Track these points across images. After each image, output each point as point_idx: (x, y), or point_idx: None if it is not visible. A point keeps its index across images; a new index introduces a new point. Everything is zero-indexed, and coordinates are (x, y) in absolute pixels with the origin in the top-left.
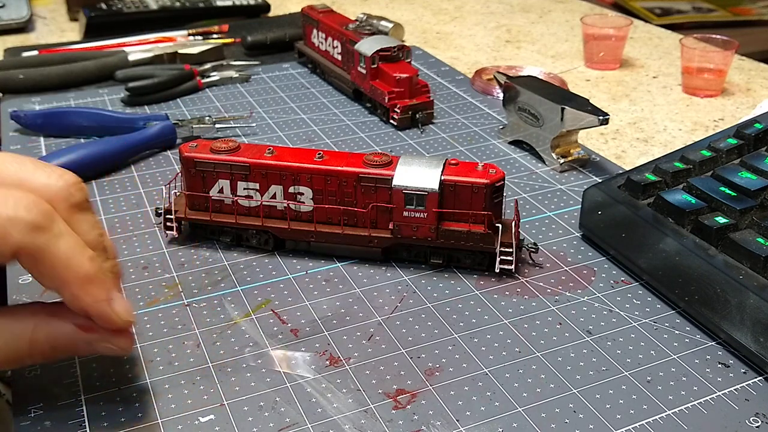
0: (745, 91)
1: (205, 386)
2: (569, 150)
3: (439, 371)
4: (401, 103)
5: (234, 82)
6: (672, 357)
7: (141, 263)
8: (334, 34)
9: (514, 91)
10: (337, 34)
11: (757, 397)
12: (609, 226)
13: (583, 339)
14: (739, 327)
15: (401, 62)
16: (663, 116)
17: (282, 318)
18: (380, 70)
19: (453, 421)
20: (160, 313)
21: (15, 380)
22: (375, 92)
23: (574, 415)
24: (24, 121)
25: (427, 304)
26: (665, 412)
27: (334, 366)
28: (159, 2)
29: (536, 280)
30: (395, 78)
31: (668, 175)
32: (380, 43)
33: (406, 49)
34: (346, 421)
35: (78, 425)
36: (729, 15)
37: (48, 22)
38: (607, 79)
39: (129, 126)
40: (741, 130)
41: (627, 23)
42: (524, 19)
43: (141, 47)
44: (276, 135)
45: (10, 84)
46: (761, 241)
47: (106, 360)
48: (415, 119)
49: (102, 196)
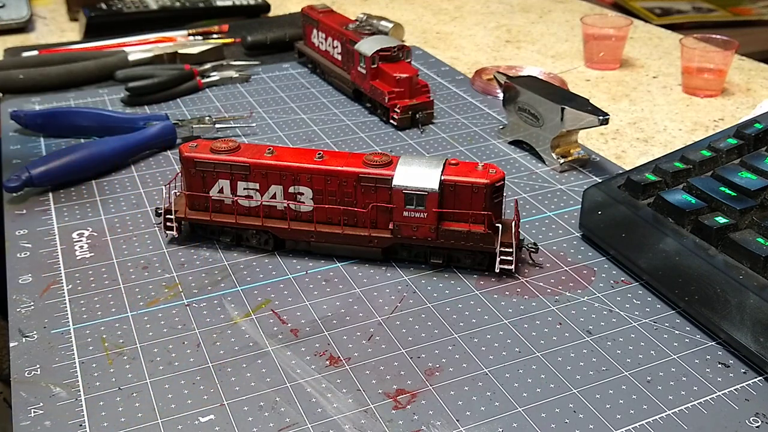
0: (745, 91)
1: (205, 386)
2: (569, 150)
3: (439, 371)
4: (401, 103)
5: (234, 82)
6: (672, 357)
7: (141, 263)
8: (334, 34)
9: (514, 91)
10: (337, 34)
11: (757, 397)
12: (609, 226)
13: (583, 339)
14: (739, 327)
15: (401, 62)
16: (663, 116)
17: (282, 318)
18: (380, 70)
19: (453, 420)
20: (160, 313)
21: (15, 380)
22: (375, 92)
23: (574, 415)
24: (24, 121)
25: (427, 304)
26: (665, 412)
27: (334, 366)
28: (159, 2)
29: (536, 280)
30: (395, 78)
31: (668, 175)
32: (380, 43)
33: (406, 49)
34: (346, 421)
35: (78, 425)
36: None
37: (48, 22)
38: (607, 79)
39: (129, 126)
40: (741, 130)
41: (627, 23)
42: (524, 19)
43: (141, 47)
44: (276, 135)
45: (10, 84)
46: (761, 241)
47: (106, 360)
48: (415, 119)
49: (102, 196)
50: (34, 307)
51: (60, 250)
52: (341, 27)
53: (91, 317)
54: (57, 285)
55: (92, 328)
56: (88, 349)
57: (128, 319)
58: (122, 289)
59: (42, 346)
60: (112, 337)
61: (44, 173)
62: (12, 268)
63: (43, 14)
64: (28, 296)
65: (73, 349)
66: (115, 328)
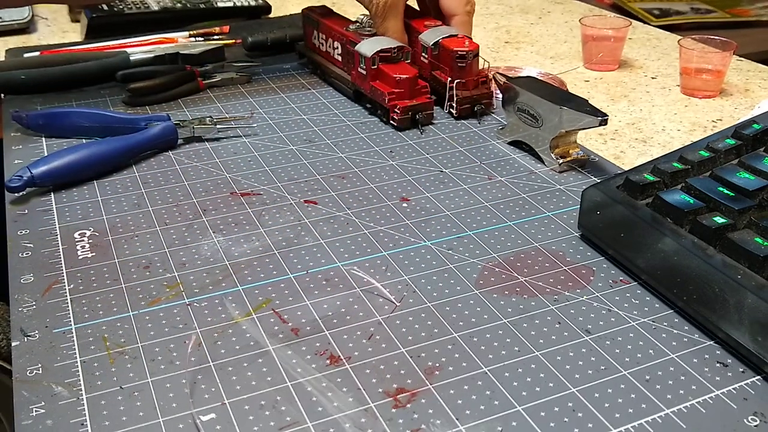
0: (743, 91)
1: (206, 385)
2: (568, 150)
3: (438, 370)
4: (401, 104)
5: (235, 82)
6: (670, 356)
7: (143, 263)
8: (334, 35)
9: (513, 92)
10: (338, 35)
11: (755, 396)
12: (608, 226)
13: (582, 338)
14: (737, 326)
15: (401, 63)
16: (661, 117)
17: (283, 317)
18: (380, 71)
19: (453, 419)
20: (162, 313)
21: (17, 379)
22: (375, 93)
23: (573, 414)
24: (25, 122)
25: (427, 303)
26: (664, 411)
27: (335, 365)
28: (160, 3)
29: (535, 279)
30: (395, 79)
31: (667, 176)
32: (380, 44)
33: (406, 50)
34: (346, 420)
35: (80, 424)
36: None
37: (50, 23)
38: (606, 80)
39: (130, 126)
40: (739, 130)
41: (626, 24)
42: (523, 20)
43: (142, 48)
44: (276, 135)
45: (12, 85)
46: (759, 240)
47: (108, 359)
48: (415, 120)
49: (103, 196)
50: (36, 306)
51: (62, 249)
52: (342, 28)
53: (93, 317)
54: (59, 285)
55: (94, 327)
56: (89, 349)
57: (130, 319)
58: (124, 288)
59: (44, 346)
60: (113, 336)
61: (46, 173)
62: (14, 268)
63: (45, 15)
64: (29, 296)
65: (75, 348)
66: (116, 328)
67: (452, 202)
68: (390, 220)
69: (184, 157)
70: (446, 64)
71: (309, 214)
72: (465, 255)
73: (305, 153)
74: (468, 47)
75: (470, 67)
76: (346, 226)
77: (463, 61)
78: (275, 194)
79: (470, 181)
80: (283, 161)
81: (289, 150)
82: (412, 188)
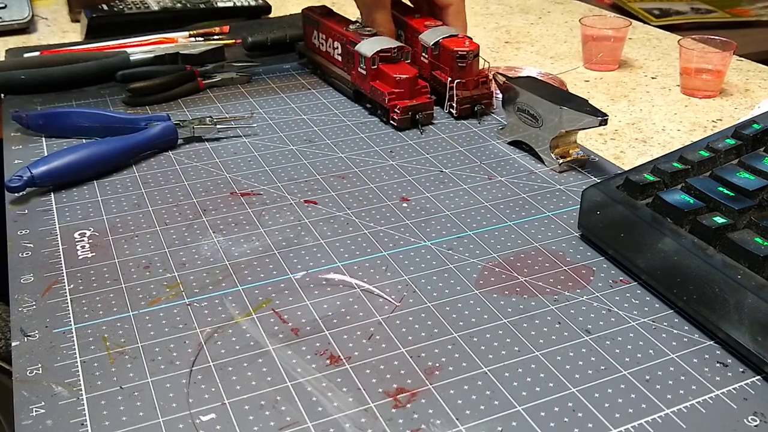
0: (743, 91)
1: (206, 385)
2: (568, 150)
3: (438, 370)
4: (401, 104)
5: (235, 82)
6: (670, 356)
7: (143, 263)
8: (334, 35)
9: (514, 92)
10: (338, 35)
11: (755, 396)
12: (608, 226)
13: (582, 338)
14: (737, 326)
15: (401, 63)
16: (661, 117)
17: (282, 317)
18: (380, 70)
19: (453, 419)
20: (162, 313)
21: (17, 379)
22: (375, 93)
23: (573, 414)
24: (25, 122)
25: (427, 303)
26: (664, 411)
27: (335, 365)
28: (160, 3)
29: (535, 279)
30: (395, 79)
31: (667, 176)
32: (380, 44)
33: (406, 50)
34: (346, 420)
35: (80, 424)
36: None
37: (50, 23)
38: (606, 80)
39: (130, 126)
40: (739, 130)
41: (625, 24)
42: (523, 20)
43: (142, 48)
44: (277, 135)
45: (12, 85)
46: (759, 240)
47: (108, 359)
48: (415, 120)
49: (103, 196)
50: (36, 306)
51: (62, 249)
52: (342, 28)
53: (93, 317)
54: (59, 285)
55: (94, 327)
56: (89, 349)
57: (130, 319)
58: (124, 288)
59: (44, 346)
60: (113, 336)
61: (46, 173)
62: (14, 268)
63: (45, 15)
64: (29, 296)
65: (75, 348)
66: (116, 328)
67: (452, 202)
68: (390, 220)
69: (184, 157)
70: (446, 64)
71: (309, 214)
72: (465, 255)
73: (305, 153)
74: (468, 47)
75: (470, 67)
76: (346, 226)
77: (464, 61)
78: (275, 194)
79: (470, 181)
80: (283, 161)
81: (289, 150)
82: (412, 188)
